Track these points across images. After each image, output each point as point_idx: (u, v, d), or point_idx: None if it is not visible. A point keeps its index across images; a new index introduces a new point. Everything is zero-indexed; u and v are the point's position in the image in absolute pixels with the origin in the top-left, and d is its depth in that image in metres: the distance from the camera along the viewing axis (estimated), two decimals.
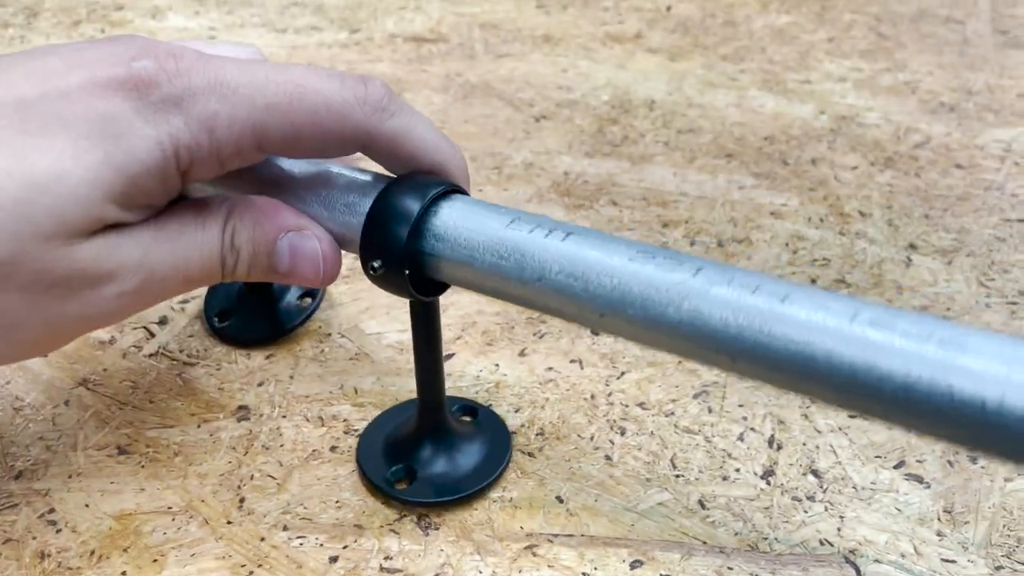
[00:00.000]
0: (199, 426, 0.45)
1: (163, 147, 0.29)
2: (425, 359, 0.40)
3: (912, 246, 0.55)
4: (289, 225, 0.34)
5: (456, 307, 0.51)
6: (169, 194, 0.32)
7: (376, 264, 0.34)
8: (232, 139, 0.30)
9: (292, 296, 0.51)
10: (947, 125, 0.67)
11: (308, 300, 0.51)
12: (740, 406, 0.45)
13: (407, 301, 0.48)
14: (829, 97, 0.71)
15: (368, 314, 0.51)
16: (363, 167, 0.37)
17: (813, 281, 0.52)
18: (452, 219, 0.33)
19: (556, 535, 0.39)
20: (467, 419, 0.44)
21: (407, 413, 0.43)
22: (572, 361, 0.47)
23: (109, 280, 0.30)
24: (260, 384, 0.47)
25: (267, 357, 0.49)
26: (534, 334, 0.49)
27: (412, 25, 0.85)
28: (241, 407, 0.46)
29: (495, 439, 0.43)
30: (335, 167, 0.36)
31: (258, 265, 0.34)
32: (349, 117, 0.31)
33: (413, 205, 0.33)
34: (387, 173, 0.37)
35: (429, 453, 0.41)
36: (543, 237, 0.32)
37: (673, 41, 0.81)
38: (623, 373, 0.47)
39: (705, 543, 0.38)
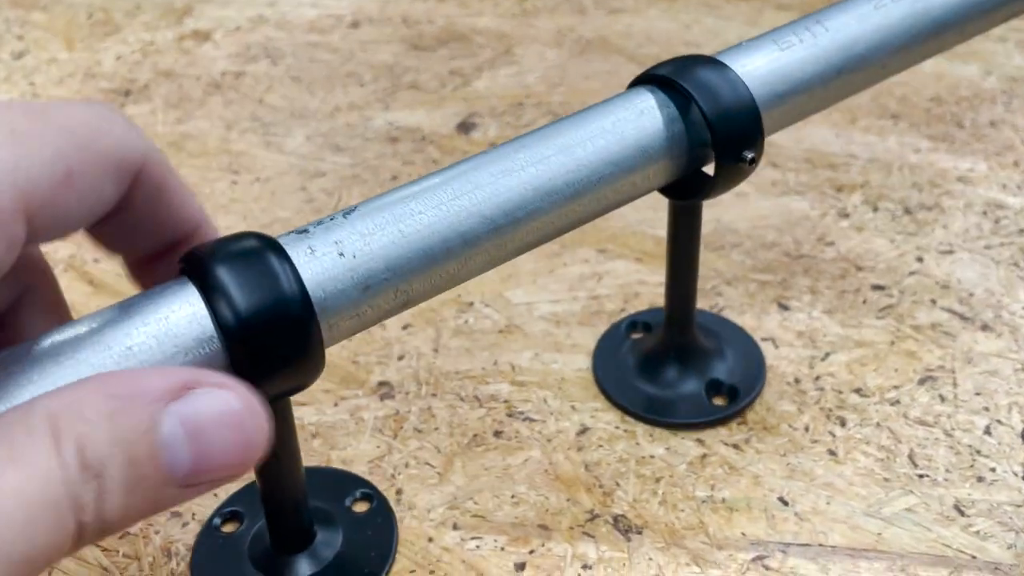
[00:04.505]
0: (336, 404, 0.38)
1: None
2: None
3: None
4: (167, 387, 0.19)
5: (612, 275, 0.45)
6: None
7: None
8: None
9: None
10: None
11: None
12: (977, 394, 0.38)
13: (553, 268, 0.45)
14: (993, 57, 0.63)
15: (512, 281, 0.45)
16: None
17: None
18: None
19: (788, 544, 0.32)
20: None
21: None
22: (764, 339, 0.41)
23: None
24: (400, 358, 0.40)
25: (403, 327, 0.42)
26: (710, 307, 0.43)
27: None
28: (382, 383, 0.39)
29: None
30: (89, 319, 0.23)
31: (140, 483, 0.19)
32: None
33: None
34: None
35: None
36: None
37: None
38: (827, 354, 0.40)
39: (974, 557, 0.31)
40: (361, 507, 0.34)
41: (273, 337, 0.23)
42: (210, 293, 0.22)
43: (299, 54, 0.67)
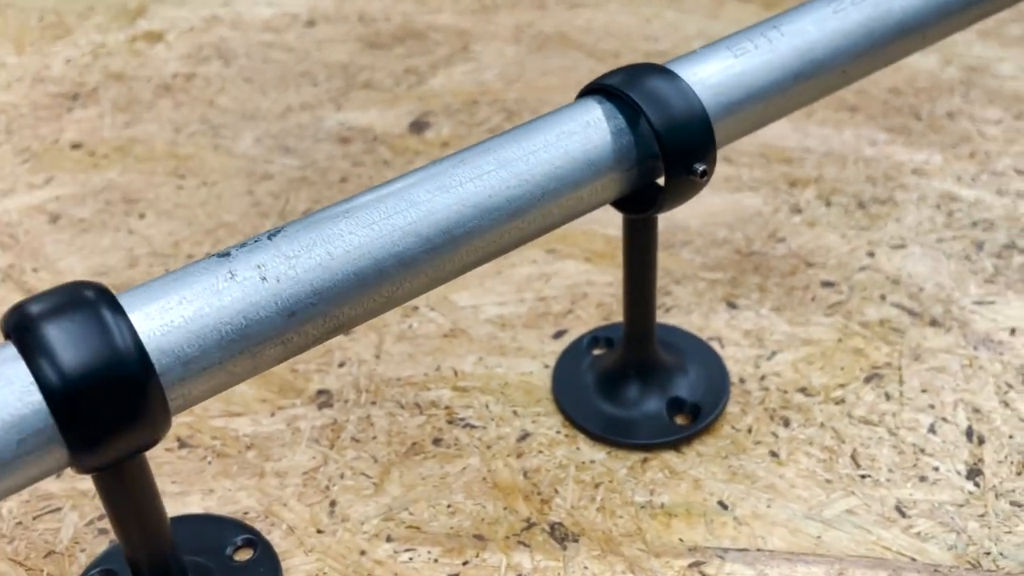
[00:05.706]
0: (273, 414, 0.37)
1: None
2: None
3: None
4: None
5: (561, 276, 0.44)
6: None
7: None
8: None
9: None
10: None
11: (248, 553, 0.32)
12: (924, 391, 0.37)
13: (500, 270, 0.43)
14: (952, 47, 0.63)
15: (459, 283, 0.44)
16: None
17: (979, 246, 0.44)
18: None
19: (727, 550, 0.31)
20: None
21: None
22: (710, 339, 0.40)
23: None
24: (341, 365, 0.40)
25: (345, 334, 0.41)
26: (659, 307, 0.42)
27: None
28: (321, 392, 0.38)
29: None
30: None
31: None
32: None
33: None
34: None
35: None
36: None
37: None
38: (774, 353, 0.39)
39: (914, 560, 0.31)
40: (243, 555, 0.32)
41: (105, 400, 0.21)
42: (32, 354, 0.20)
43: (253, 54, 0.66)
